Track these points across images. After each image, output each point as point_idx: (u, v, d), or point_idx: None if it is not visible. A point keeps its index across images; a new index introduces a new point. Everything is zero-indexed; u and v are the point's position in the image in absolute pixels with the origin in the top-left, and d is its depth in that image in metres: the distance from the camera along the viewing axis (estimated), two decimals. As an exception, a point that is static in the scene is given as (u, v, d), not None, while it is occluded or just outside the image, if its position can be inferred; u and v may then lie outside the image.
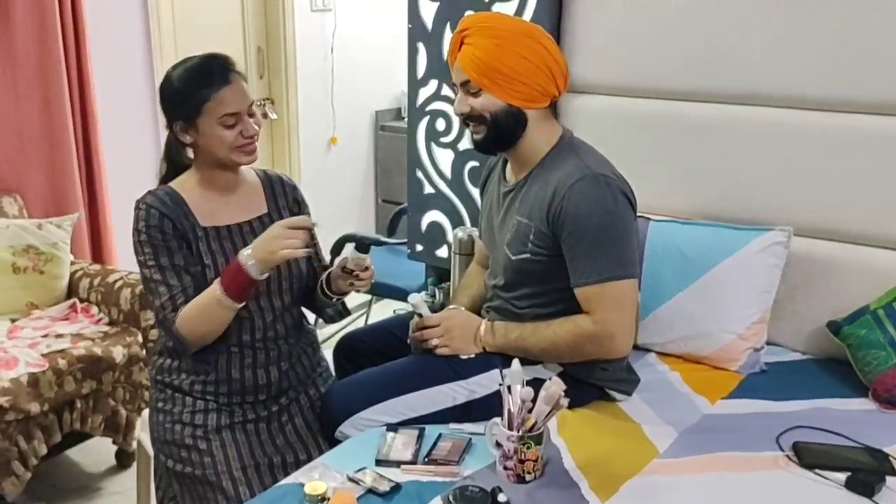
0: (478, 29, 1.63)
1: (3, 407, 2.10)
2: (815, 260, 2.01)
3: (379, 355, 1.84)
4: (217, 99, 1.56)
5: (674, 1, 2.10)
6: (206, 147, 1.60)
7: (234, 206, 1.69)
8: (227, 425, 1.67)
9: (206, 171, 1.66)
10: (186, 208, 1.63)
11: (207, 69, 1.59)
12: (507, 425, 1.45)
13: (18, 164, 2.77)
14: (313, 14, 3.90)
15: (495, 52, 1.60)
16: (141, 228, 1.60)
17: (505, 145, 1.71)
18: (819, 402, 1.78)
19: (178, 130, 1.61)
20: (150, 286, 1.62)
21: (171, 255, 1.60)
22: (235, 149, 1.60)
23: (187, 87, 1.58)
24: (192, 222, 1.63)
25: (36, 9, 2.67)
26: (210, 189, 1.67)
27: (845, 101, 1.94)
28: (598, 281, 1.59)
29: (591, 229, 1.58)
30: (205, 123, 1.58)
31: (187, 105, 1.57)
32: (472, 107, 1.66)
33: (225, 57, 1.62)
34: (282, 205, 1.76)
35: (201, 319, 1.58)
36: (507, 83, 1.61)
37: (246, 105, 1.60)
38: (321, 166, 4.14)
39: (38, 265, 2.56)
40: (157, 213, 1.59)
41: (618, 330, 1.60)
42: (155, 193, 1.64)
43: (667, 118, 2.17)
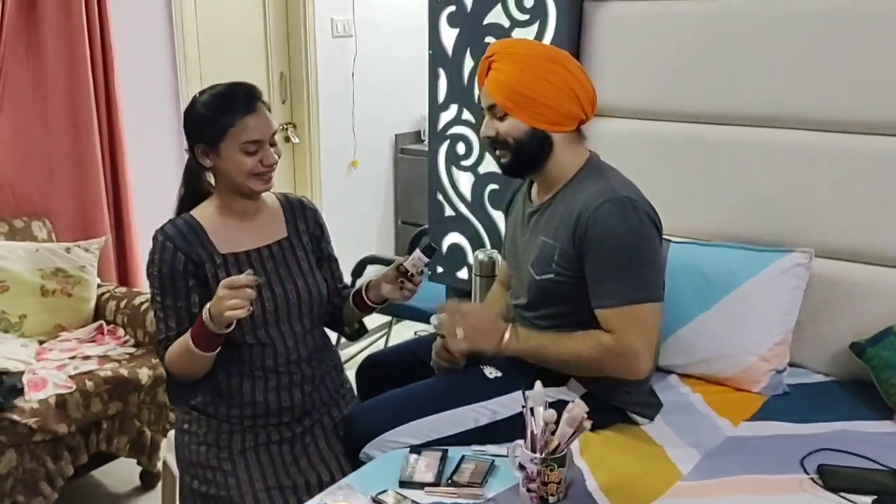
0: (504, 54, 1.67)
1: (32, 428, 2.13)
2: (838, 281, 2.00)
3: (401, 377, 1.85)
4: (241, 125, 1.59)
5: (693, 24, 2.13)
6: (225, 172, 1.63)
7: (254, 231, 1.71)
8: (251, 447, 1.69)
9: (226, 197, 1.68)
10: (205, 236, 1.65)
11: (234, 95, 1.62)
12: (530, 447, 1.45)
13: (48, 189, 2.83)
14: (335, 40, 3.97)
15: (520, 76, 1.63)
16: (154, 260, 1.63)
17: (531, 169, 1.73)
18: (843, 425, 1.77)
19: (199, 153, 1.64)
20: (155, 314, 1.67)
21: (175, 296, 1.62)
22: (252, 175, 1.62)
23: (213, 111, 1.61)
24: (209, 251, 1.65)
25: (66, 38, 2.74)
26: (229, 215, 1.69)
27: (866, 123, 1.94)
28: (620, 303, 1.59)
29: (616, 251, 1.59)
30: (227, 148, 1.60)
31: (212, 128, 1.60)
32: (497, 131, 1.69)
33: (251, 86, 1.66)
34: (302, 229, 1.78)
35: (181, 362, 1.61)
36: (531, 107, 1.64)
37: (268, 134, 1.63)
38: (342, 189, 4.18)
39: (66, 288, 2.60)
40: (172, 247, 1.62)
41: (640, 350, 1.60)
42: (174, 223, 1.66)
43: (688, 141, 2.18)
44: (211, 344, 1.55)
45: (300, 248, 1.76)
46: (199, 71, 3.41)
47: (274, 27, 3.77)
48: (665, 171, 2.19)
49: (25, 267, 2.54)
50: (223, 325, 1.49)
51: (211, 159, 1.63)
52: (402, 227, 4.54)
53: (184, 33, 3.27)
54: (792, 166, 2.04)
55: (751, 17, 2.04)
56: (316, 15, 3.82)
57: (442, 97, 2.58)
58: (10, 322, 2.52)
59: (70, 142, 2.83)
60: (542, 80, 1.63)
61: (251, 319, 1.64)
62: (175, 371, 1.63)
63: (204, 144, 1.62)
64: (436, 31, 2.53)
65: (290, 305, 1.69)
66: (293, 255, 1.74)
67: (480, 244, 2.60)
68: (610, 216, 1.58)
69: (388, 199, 4.53)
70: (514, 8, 2.37)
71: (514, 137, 1.67)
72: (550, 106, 1.64)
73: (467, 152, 2.57)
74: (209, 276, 1.64)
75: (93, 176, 2.86)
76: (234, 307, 1.45)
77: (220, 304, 1.46)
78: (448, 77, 2.54)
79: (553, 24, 2.30)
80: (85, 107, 2.80)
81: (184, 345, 1.57)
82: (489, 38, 2.41)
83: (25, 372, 2.28)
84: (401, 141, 4.46)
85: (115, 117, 2.91)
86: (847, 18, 1.93)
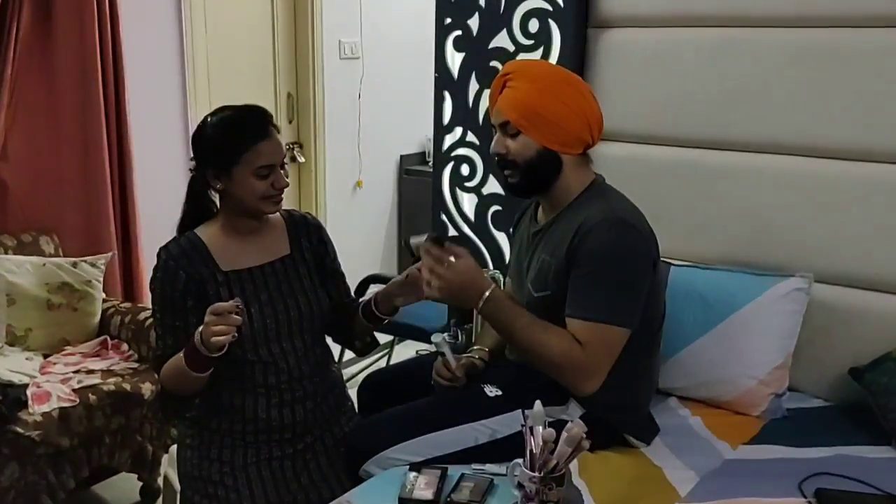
0: (521, 73, 1.69)
1: (35, 440, 2.14)
2: (836, 306, 2.02)
3: (403, 395, 1.86)
4: (255, 151, 1.60)
5: (695, 51, 2.16)
6: (236, 195, 1.64)
7: (257, 248, 1.73)
8: (253, 462, 1.70)
9: (232, 217, 1.70)
10: (207, 255, 1.67)
11: (246, 121, 1.63)
12: (529, 466, 1.46)
13: (56, 204, 2.86)
14: (342, 62, 4.02)
15: (536, 96, 1.65)
16: (156, 278, 1.66)
17: (538, 190, 1.74)
18: (842, 450, 1.77)
19: (210, 176, 1.65)
20: (155, 329, 1.71)
21: (174, 315, 1.65)
22: (264, 198, 1.64)
23: (226, 136, 1.62)
24: (211, 269, 1.66)
25: (78, 56, 2.78)
26: (233, 234, 1.71)
27: (865, 150, 1.97)
28: (593, 319, 1.60)
29: (599, 268, 1.60)
30: (240, 172, 1.61)
31: (224, 154, 1.61)
32: (508, 148, 1.70)
33: (262, 110, 1.67)
34: (305, 245, 1.79)
35: (174, 380, 1.63)
36: (545, 126, 1.66)
37: (280, 158, 1.64)
38: (346, 208, 4.21)
39: (71, 302, 2.63)
40: (174, 266, 1.64)
41: (600, 373, 1.61)
42: (178, 242, 1.68)
43: (689, 165, 2.21)
44: (203, 366, 1.56)
45: (303, 264, 1.77)
46: (207, 90, 3.45)
47: (282, 48, 3.82)
48: (666, 195, 2.22)
49: (32, 281, 2.57)
50: (213, 349, 1.51)
51: (222, 182, 1.64)
52: (405, 246, 4.56)
53: (193, 52, 3.32)
54: (792, 192, 2.06)
55: (752, 46, 2.07)
56: (324, 37, 3.87)
57: (447, 119, 2.61)
58: (16, 335, 2.54)
59: (79, 158, 2.86)
60: (558, 101, 1.66)
61: (253, 337, 1.66)
62: (168, 387, 1.66)
63: (215, 168, 1.63)
64: (442, 55, 2.57)
65: (292, 322, 1.71)
66: (295, 272, 1.75)
67: (483, 265, 2.61)
68: (601, 234, 1.60)
69: (392, 219, 4.56)
70: (518, 33, 2.41)
71: (524, 157, 1.68)
72: (563, 127, 1.66)
73: (471, 174, 2.60)
74: (211, 295, 1.65)
75: (101, 192, 2.89)
76: (218, 333, 1.48)
77: (206, 329, 1.49)
78: (453, 99, 2.58)
79: (557, 50, 2.34)
80: (95, 124, 2.84)
81: (178, 364, 1.58)
82: (494, 62, 2.45)
83: (30, 385, 2.30)
84: (405, 162, 4.49)
85: (125, 135, 2.95)
86: (847, 48, 1.96)
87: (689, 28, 2.17)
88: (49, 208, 2.85)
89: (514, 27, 2.41)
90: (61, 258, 2.73)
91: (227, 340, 1.49)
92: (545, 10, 2.34)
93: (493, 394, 1.75)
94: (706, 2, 2.12)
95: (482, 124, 2.53)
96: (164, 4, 3.18)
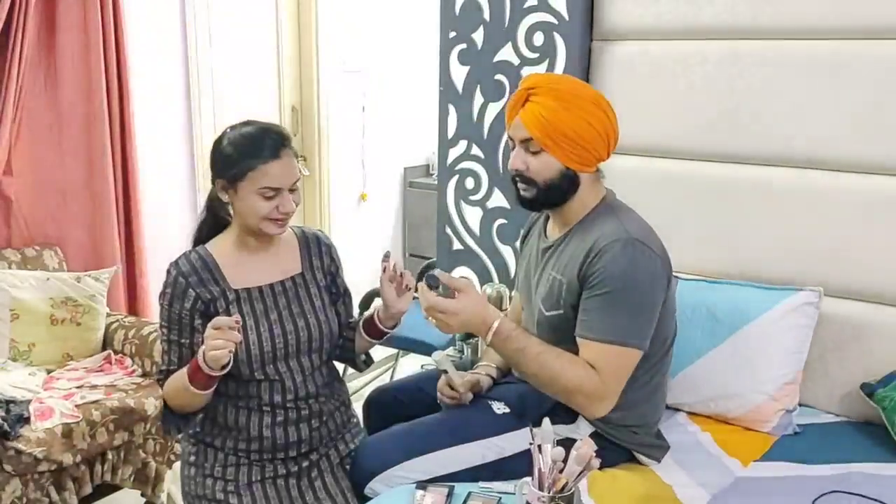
0: (548, 89, 1.63)
1: (37, 457, 2.13)
2: (847, 321, 2.00)
3: (408, 410, 1.85)
4: (262, 170, 1.58)
5: (701, 64, 2.15)
6: (240, 211, 1.63)
7: (269, 265, 1.71)
8: (258, 480, 1.68)
9: (244, 232, 1.68)
10: (218, 272, 1.65)
11: (262, 140, 1.60)
12: (537, 485, 1.44)
13: (61, 218, 2.86)
14: (346, 75, 4.03)
15: (563, 115, 1.60)
16: (166, 293, 1.65)
17: (551, 206, 1.72)
18: (854, 466, 1.74)
19: (219, 188, 1.64)
20: (161, 343, 1.69)
21: (180, 333, 1.64)
22: (267, 220, 1.61)
23: (238, 151, 1.60)
24: (222, 287, 1.65)
25: (83, 70, 2.79)
26: (244, 250, 1.69)
27: (874, 163, 1.95)
28: (606, 341, 1.58)
29: (615, 290, 1.57)
30: (244, 189, 1.59)
31: (233, 168, 1.59)
32: (528, 165, 1.66)
33: (281, 131, 1.64)
34: (317, 265, 1.78)
35: (177, 396, 1.62)
36: (569, 146, 1.62)
37: (289, 183, 1.61)
38: (351, 221, 4.21)
39: (75, 317, 2.62)
40: (184, 283, 1.63)
41: (612, 396, 1.60)
42: (188, 258, 1.66)
43: (696, 179, 2.19)
44: (206, 383, 1.55)
45: (314, 284, 1.75)
46: (211, 104, 3.46)
47: (286, 61, 3.83)
48: (673, 208, 2.20)
49: (36, 295, 2.56)
50: (214, 365, 1.50)
51: (229, 196, 1.63)
52: (410, 259, 4.55)
53: (198, 66, 3.32)
54: (801, 205, 2.05)
55: (759, 58, 2.06)
56: (328, 50, 3.89)
57: (451, 132, 2.60)
58: (20, 350, 2.54)
59: (84, 172, 2.86)
60: (584, 121, 1.61)
61: (261, 355, 1.65)
62: (171, 403, 1.64)
63: (224, 181, 1.62)
64: (446, 68, 2.57)
65: (301, 342, 1.69)
66: (306, 292, 1.74)
67: (488, 278, 2.60)
68: (615, 255, 1.58)
69: (396, 232, 4.55)
70: (523, 46, 2.40)
71: (544, 176, 1.64)
72: (587, 147, 1.63)
73: (476, 187, 2.59)
74: (220, 312, 1.63)
75: (105, 206, 2.89)
76: (216, 347, 1.47)
77: (206, 344, 1.49)
78: (458, 113, 2.57)
79: (562, 63, 2.33)
80: (100, 138, 2.84)
81: (180, 380, 1.57)
82: (499, 76, 2.44)
83: (32, 401, 2.28)
84: (410, 175, 4.49)
85: (129, 149, 2.95)
86: (856, 60, 1.95)
87: (696, 41, 2.16)
88: (53, 222, 2.85)
89: (518, 40, 2.40)
90: (65, 272, 2.73)
91: (224, 356, 1.48)
92: (550, 24, 2.33)
93: (500, 411, 1.73)
94: (712, 14, 2.12)
95: (487, 138, 2.52)
96: (169, 18, 3.19)
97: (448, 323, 1.62)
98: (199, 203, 3.43)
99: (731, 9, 2.08)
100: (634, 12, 2.24)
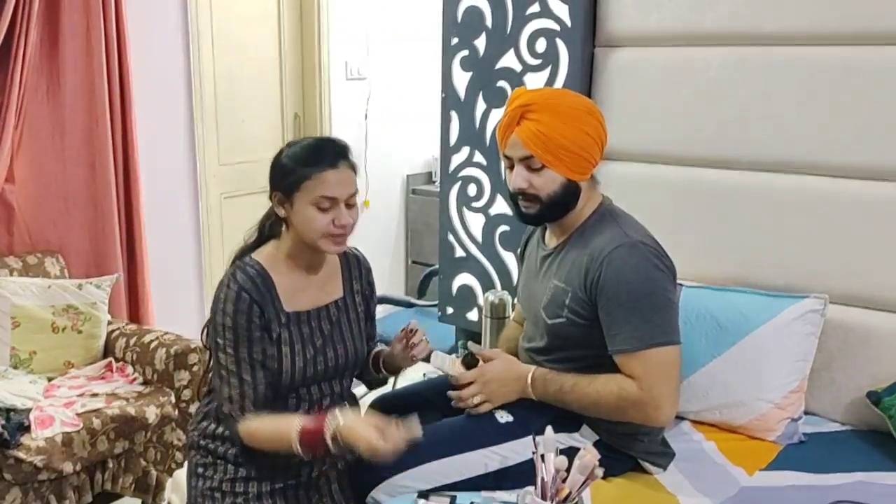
0: (544, 106, 1.62)
1: (37, 466, 2.12)
2: (852, 328, 1.98)
3: (411, 419, 1.84)
4: (318, 178, 1.53)
5: (704, 70, 2.14)
6: (296, 225, 1.58)
7: (316, 288, 1.67)
8: (267, 492, 1.65)
9: (296, 246, 1.62)
10: (274, 292, 1.60)
11: (320, 149, 1.57)
12: (540, 495, 1.42)
13: (62, 225, 2.85)
14: (348, 82, 4.03)
15: (562, 129, 1.61)
16: (228, 311, 1.55)
17: (556, 218, 1.72)
18: (861, 476, 1.73)
19: (276, 202, 1.60)
20: (221, 373, 1.57)
21: (250, 347, 1.56)
22: (325, 236, 1.57)
23: (296, 161, 1.56)
24: (276, 308, 1.60)
25: (86, 77, 2.79)
26: (296, 268, 1.64)
27: (878, 169, 1.94)
28: (640, 348, 1.57)
29: (632, 296, 1.57)
30: (300, 200, 1.55)
31: (290, 178, 1.55)
32: (531, 183, 1.65)
33: (342, 143, 1.60)
34: (356, 289, 1.75)
35: (265, 443, 1.55)
36: (570, 159, 1.62)
37: (346, 194, 1.56)
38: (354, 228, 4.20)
39: (76, 324, 2.61)
40: (248, 299, 1.56)
41: (664, 399, 1.58)
42: (246, 272, 1.58)
43: (700, 185, 2.19)
44: (317, 450, 1.49)
45: (353, 309, 1.73)
46: (214, 111, 3.46)
47: (289, 69, 3.84)
48: (676, 214, 2.19)
49: (37, 303, 2.55)
50: (343, 448, 1.46)
51: (285, 209, 1.59)
52: (412, 266, 4.54)
53: (201, 74, 3.33)
54: (804, 211, 2.04)
55: (762, 64, 2.06)
56: (330, 57, 3.89)
57: (454, 139, 2.60)
58: (20, 358, 2.53)
59: (86, 179, 2.86)
60: (583, 132, 1.62)
61: (302, 378, 1.62)
62: (251, 441, 1.57)
63: (280, 193, 1.58)
64: (448, 75, 2.57)
65: (339, 367, 1.67)
66: (346, 317, 1.71)
67: (491, 285, 2.59)
68: (623, 261, 1.58)
69: (399, 239, 4.55)
70: (526, 53, 2.40)
71: (548, 191, 1.64)
72: (583, 156, 1.64)
73: (478, 194, 2.58)
74: (273, 334, 1.59)
75: (107, 213, 2.89)
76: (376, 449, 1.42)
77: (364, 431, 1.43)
78: (460, 119, 2.57)
79: (565, 70, 2.33)
80: (102, 145, 2.84)
81: (278, 434, 1.51)
82: (501, 82, 2.44)
83: (33, 409, 2.27)
84: (412, 181, 4.49)
85: (132, 156, 2.95)
86: (859, 65, 1.94)
87: (699, 47, 2.16)
88: (55, 230, 2.85)
89: (521, 47, 2.40)
90: (67, 280, 2.72)
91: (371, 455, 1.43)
92: (552, 30, 2.33)
93: (503, 419, 1.72)
94: (715, 20, 2.11)
95: (489, 144, 2.52)
96: (171, 26, 3.19)
97: (486, 388, 1.70)
98: (201, 211, 3.42)
99: (734, 15, 2.08)
100: (637, 18, 2.23)
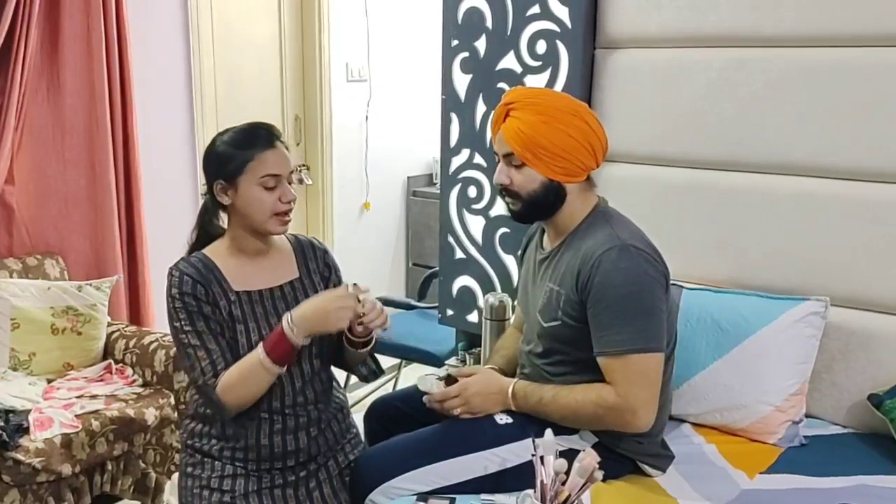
0: (526, 104, 1.66)
1: (36, 468, 2.11)
2: (854, 331, 1.97)
3: (410, 420, 1.83)
4: (260, 159, 1.61)
5: (705, 72, 2.14)
6: (243, 209, 1.64)
7: (266, 270, 1.72)
8: (255, 491, 1.66)
9: (239, 236, 1.69)
10: (219, 273, 1.65)
11: (254, 132, 1.65)
12: (539, 498, 1.42)
13: (62, 227, 2.85)
14: (349, 84, 4.03)
15: (541, 129, 1.63)
16: (175, 295, 1.62)
17: (541, 217, 1.74)
18: (862, 479, 1.72)
19: (219, 190, 1.64)
20: (186, 352, 1.63)
21: (206, 321, 1.62)
22: (272, 216, 1.63)
23: (233, 147, 1.63)
24: (224, 288, 1.65)
25: (86, 78, 2.79)
26: (241, 254, 1.70)
27: (879, 171, 1.94)
28: (622, 352, 1.57)
29: (618, 299, 1.57)
30: (245, 182, 1.61)
31: (231, 163, 1.61)
32: (511, 179, 1.68)
33: (271, 125, 1.69)
34: (313, 269, 1.78)
35: (244, 385, 1.59)
36: (550, 159, 1.64)
37: (287, 170, 1.65)
38: (354, 230, 4.20)
39: (76, 326, 2.61)
40: (190, 280, 1.62)
41: (640, 405, 1.58)
42: (187, 260, 1.67)
43: (700, 187, 2.18)
44: (288, 357, 1.58)
45: (311, 288, 1.76)
46: (215, 112, 3.46)
47: (289, 70, 3.84)
48: (677, 217, 2.19)
49: (37, 305, 2.55)
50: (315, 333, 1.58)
51: (230, 196, 1.64)
52: (413, 268, 4.54)
53: (202, 75, 3.33)
54: (806, 214, 2.03)
55: (762, 65, 2.05)
56: (331, 59, 3.89)
57: (454, 141, 2.59)
58: (20, 360, 2.52)
59: (86, 181, 2.86)
60: (564, 133, 1.63)
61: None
62: (233, 396, 1.59)
63: (223, 181, 1.63)
64: (449, 77, 2.56)
65: (303, 348, 1.68)
66: (304, 296, 1.73)
67: (491, 287, 2.58)
68: (613, 264, 1.58)
69: (399, 241, 4.54)
70: (526, 55, 2.39)
71: (527, 189, 1.67)
72: (569, 159, 1.64)
73: (478, 196, 2.57)
74: (224, 312, 1.64)
75: (108, 215, 2.89)
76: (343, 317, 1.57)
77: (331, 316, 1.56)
78: (460, 121, 2.56)
79: (565, 71, 2.32)
80: (102, 146, 2.84)
81: (248, 366, 1.58)
82: (502, 84, 2.44)
83: (32, 410, 2.27)
84: (413, 183, 4.49)
85: (132, 157, 2.95)
86: (860, 67, 1.93)
87: (699, 48, 2.15)
88: (55, 231, 2.85)
89: (521, 49, 2.40)
90: (66, 281, 2.72)
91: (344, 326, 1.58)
92: (553, 32, 2.32)
93: (503, 421, 1.72)
94: (716, 22, 2.11)
95: (489, 146, 2.51)
96: (172, 26, 3.19)
97: (469, 401, 1.71)
98: (200, 212, 3.42)
99: (734, 17, 2.07)
100: (637, 20, 2.23)
